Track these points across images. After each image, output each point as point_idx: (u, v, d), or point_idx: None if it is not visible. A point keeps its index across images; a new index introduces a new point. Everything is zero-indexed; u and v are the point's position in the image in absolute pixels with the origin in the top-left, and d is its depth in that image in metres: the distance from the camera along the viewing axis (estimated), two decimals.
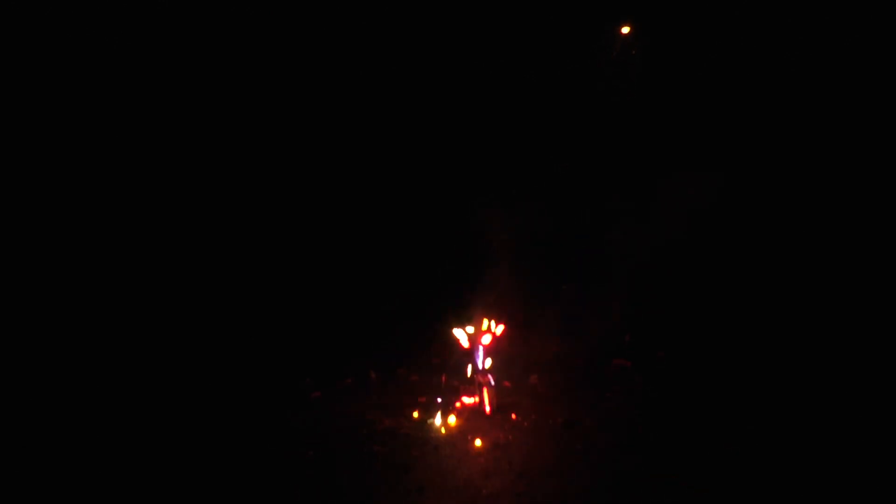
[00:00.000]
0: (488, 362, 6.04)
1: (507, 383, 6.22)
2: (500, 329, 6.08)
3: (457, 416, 5.87)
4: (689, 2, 7.60)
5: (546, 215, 7.19)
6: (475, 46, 7.86)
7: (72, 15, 7.67)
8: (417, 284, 6.72)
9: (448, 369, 6.43)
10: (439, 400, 6.03)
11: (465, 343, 6.08)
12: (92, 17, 7.74)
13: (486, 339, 6.07)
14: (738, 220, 7.57)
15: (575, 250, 7.29)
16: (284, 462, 5.33)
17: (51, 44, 7.68)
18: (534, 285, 6.77)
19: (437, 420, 5.80)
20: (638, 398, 6.10)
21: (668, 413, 5.81)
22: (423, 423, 5.83)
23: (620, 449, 5.38)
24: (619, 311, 7.12)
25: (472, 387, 6.07)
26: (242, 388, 6.39)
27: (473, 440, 5.55)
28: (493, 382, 5.99)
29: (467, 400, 6.07)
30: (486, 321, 6.08)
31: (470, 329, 6.08)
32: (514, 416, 5.87)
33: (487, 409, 5.95)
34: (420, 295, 6.53)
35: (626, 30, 7.52)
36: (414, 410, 5.98)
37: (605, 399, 6.11)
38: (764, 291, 7.25)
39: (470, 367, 6.08)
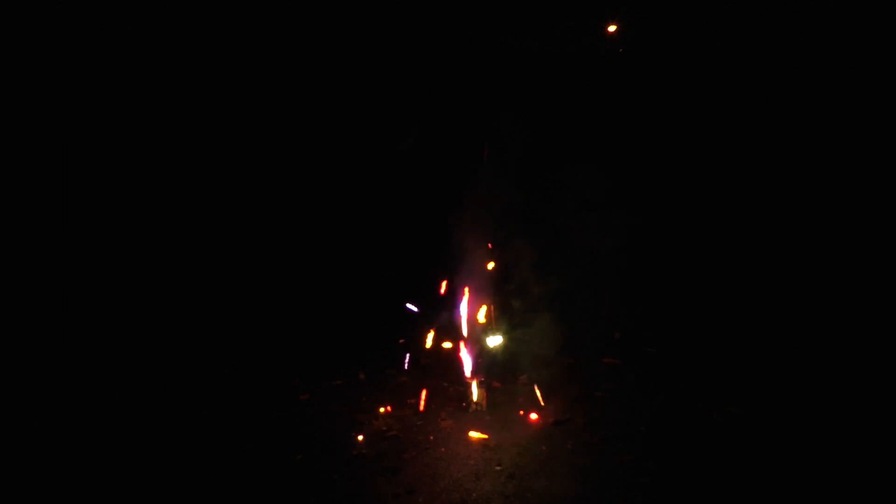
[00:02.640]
0: (474, 362, 6.02)
1: (496, 383, 6.18)
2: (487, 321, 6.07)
3: (446, 418, 5.83)
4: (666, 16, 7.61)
5: (535, 215, 7.16)
6: (468, 47, 7.87)
7: (70, 14, 7.64)
8: (407, 284, 6.67)
9: (438, 369, 6.39)
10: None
11: (455, 343, 6.07)
12: (91, 16, 7.71)
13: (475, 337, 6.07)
14: (725, 218, 7.58)
15: (562, 249, 7.25)
16: (272, 465, 5.29)
17: (50, 43, 7.65)
18: (522, 285, 6.72)
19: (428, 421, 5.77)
20: (629, 396, 6.08)
21: (660, 410, 5.80)
22: (413, 425, 5.78)
23: (612, 448, 5.37)
24: (609, 309, 7.11)
25: (462, 387, 6.05)
26: (229, 389, 6.32)
27: (463, 442, 5.52)
28: (483, 382, 5.97)
29: (456, 400, 6.04)
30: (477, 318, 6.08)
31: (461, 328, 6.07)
32: (503, 416, 5.84)
33: (476, 408, 5.92)
34: (409, 295, 6.47)
35: (612, 28, 7.50)
36: (403, 412, 5.93)
37: (596, 398, 6.09)
38: (752, 286, 7.26)
39: (460, 366, 6.06)
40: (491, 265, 6.24)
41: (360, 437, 5.60)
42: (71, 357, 6.73)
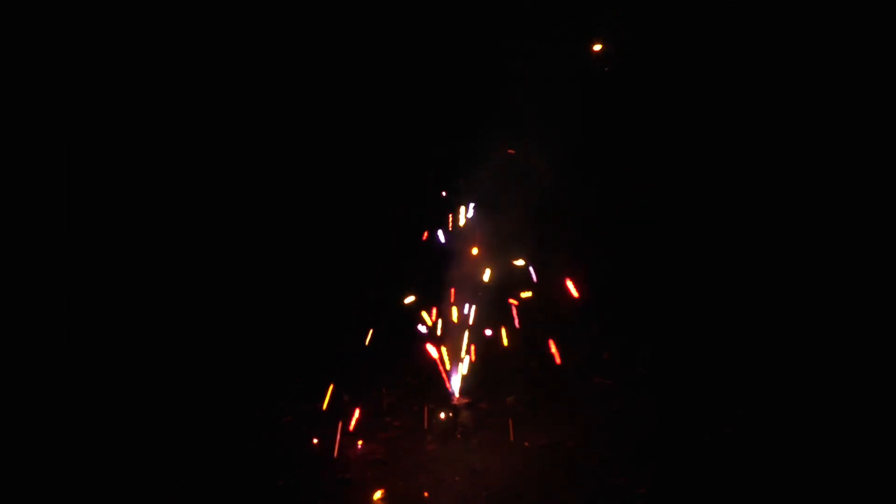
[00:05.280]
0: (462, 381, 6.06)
1: (483, 405, 6.18)
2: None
3: (433, 441, 5.85)
4: (666, 15, 7.50)
5: (524, 233, 7.11)
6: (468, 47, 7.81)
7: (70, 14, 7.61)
8: (393, 302, 6.64)
9: (425, 391, 6.40)
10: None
11: (442, 363, 6.10)
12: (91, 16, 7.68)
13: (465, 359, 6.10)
14: (712, 235, 7.52)
15: (552, 266, 7.20)
16: (252, 492, 5.27)
17: (50, 42, 7.64)
18: (510, 304, 6.68)
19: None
20: (619, 417, 6.04)
21: (652, 430, 5.79)
22: (399, 448, 5.77)
23: (603, 471, 5.35)
24: (597, 329, 7.08)
25: (449, 410, 6.06)
26: (208, 411, 6.23)
27: (450, 466, 5.51)
28: (470, 405, 5.99)
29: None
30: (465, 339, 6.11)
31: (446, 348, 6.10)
32: (491, 439, 5.85)
33: (463, 431, 5.95)
34: (396, 313, 6.47)
35: (597, 47, 7.42)
36: (389, 435, 5.93)
37: (586, 419, 6.05)
38: (743, 302, 7.19)
39: (448, 389, 6.09)
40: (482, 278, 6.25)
41: (345, 462, 5.58)
42: (71, 357, 6.76)
